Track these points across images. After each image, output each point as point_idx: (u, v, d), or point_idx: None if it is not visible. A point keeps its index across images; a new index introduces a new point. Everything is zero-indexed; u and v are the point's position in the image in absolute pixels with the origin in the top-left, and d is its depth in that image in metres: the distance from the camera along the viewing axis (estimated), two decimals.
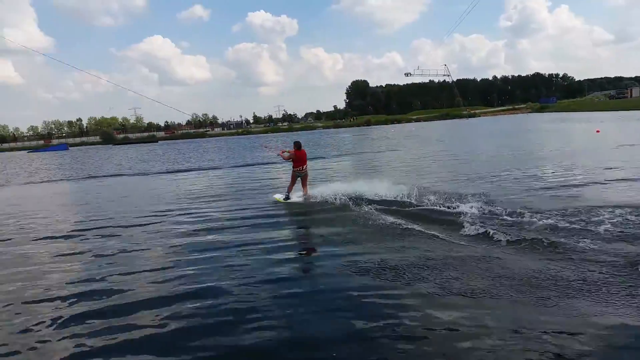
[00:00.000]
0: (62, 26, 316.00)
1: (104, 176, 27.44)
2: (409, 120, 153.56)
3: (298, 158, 12.72)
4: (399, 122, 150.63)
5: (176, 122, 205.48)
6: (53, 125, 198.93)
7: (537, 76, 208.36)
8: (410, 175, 17.08)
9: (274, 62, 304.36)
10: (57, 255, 8.82)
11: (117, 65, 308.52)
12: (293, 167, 12.81)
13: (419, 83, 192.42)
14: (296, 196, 12.85)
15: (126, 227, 11.05)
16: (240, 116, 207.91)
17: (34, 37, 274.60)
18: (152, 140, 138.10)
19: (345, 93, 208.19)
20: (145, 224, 11.19)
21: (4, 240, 10.51)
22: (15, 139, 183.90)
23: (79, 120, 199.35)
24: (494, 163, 19.65)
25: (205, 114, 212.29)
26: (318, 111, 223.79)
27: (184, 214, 12.33)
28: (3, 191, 23.04)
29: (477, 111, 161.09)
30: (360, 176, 15.89)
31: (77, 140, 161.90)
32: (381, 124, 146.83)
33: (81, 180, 25.89)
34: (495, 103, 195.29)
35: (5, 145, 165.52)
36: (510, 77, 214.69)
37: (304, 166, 12.81)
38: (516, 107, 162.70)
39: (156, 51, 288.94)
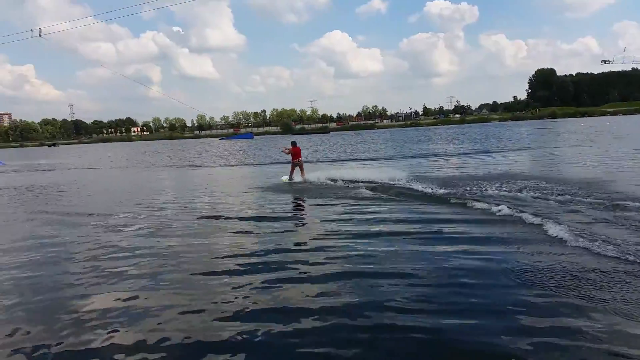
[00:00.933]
0: (253, 24, 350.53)
1: (283, 163, 29.59)
2: (603, 114, 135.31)
3: (294, 153, 17.48)
4: (590, 115, 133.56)
5: (347, 114, 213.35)
6: (241, 116, 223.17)
7: None
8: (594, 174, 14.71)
9: (449, 51, 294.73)
10: (239, 232, 9.63)
11: (299, 60, 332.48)
12: (292, 160, 17.64)
13: (619, 72, 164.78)
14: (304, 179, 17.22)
15: (282, 217, 11.53)
16: (410, 108, 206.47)
17: (229, 36, 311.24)
18: (325, 131, 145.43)
19: (528, 82, 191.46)
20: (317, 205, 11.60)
21: (194, 218, 11.83)
22: (210, 127, 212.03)
23: (263, 111, 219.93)
24: None
25: (375, 106, 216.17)
26: (494, 102, 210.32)
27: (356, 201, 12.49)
28: (201, 171, 26.42)
29: None
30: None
31: (261, 129, 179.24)
32: (568, 116, 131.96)
33: (264, 165, 28.32)
34: None
35: (203, 132, 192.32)
36: None
37: (300, 159, 17.53)
38: None
39: (334, 45, 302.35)
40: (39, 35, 27.19)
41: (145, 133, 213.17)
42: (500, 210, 9.80)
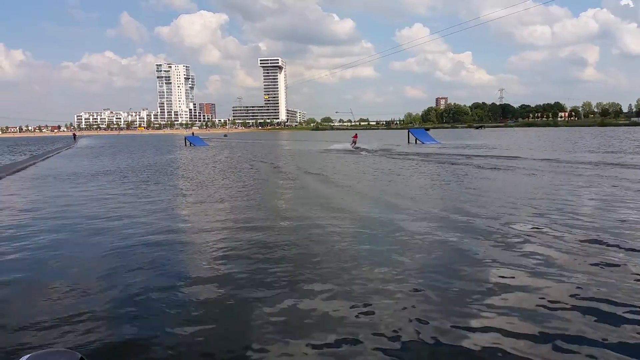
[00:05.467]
0: None
1: None
2: None
3: (354, 136, 44.02)
4: None
5: None
6: None
7: None
8: None
9: None
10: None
11: None
12: (353, 139, 42.73)
13: None
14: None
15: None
16: None
17: None
18: None
19: None
20: None
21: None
22: None
23: None
24: None
25: None
26: None
27: None
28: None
29: None
30: None
31: None
32: None
33: None
34: None
35: None
36: None
37: (356, 139, 42.78)
38: None
39: None
40: (285, 86, 45.89)
41: (573, 118, 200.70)
42: None
